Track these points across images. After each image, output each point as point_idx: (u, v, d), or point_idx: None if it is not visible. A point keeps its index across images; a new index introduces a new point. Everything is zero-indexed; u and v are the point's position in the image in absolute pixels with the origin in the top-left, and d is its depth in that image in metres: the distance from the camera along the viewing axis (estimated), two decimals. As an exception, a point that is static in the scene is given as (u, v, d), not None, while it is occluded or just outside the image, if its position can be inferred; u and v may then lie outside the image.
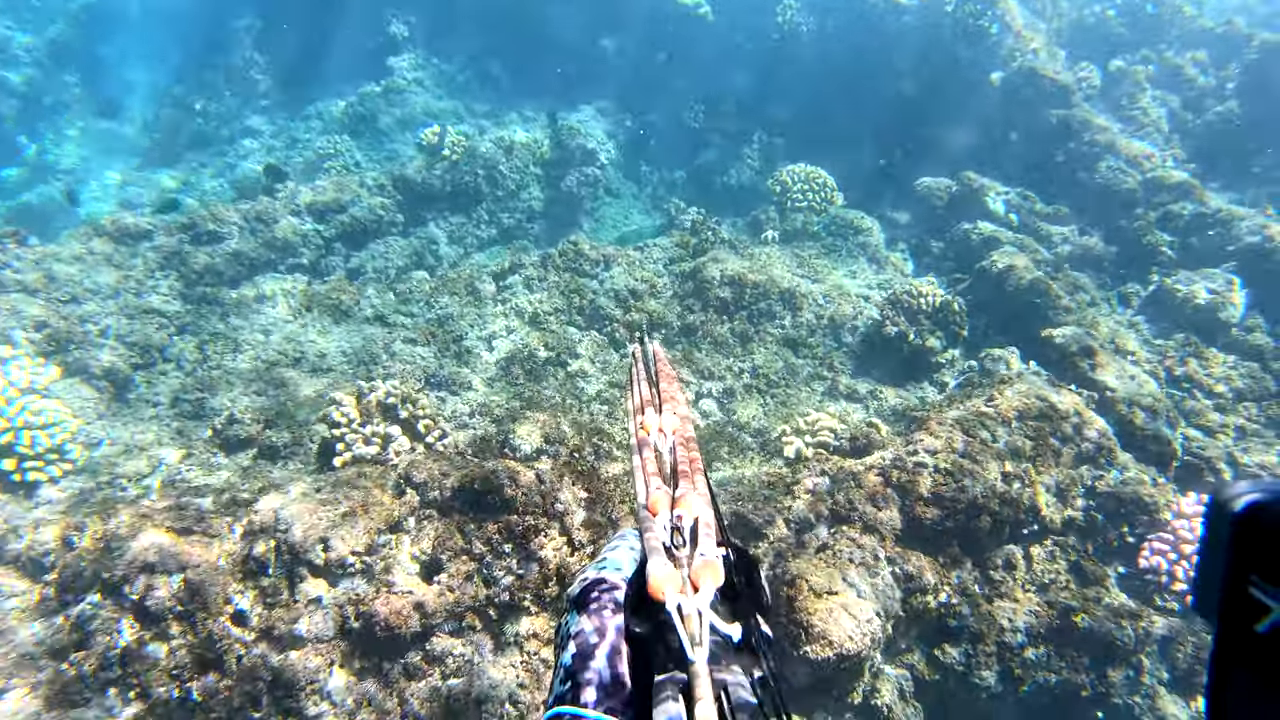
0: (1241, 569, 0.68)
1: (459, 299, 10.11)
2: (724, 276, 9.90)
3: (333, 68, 15.88)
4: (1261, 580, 0.66)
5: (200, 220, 10.10)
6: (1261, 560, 0.66)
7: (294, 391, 8.64)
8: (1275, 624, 0.64)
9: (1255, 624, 0.65)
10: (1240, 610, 0.67)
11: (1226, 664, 0.69)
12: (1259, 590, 0.66)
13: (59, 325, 8.47)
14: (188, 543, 5.59)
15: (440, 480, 5.92)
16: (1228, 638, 0.69)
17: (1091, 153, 10.93)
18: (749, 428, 8.51)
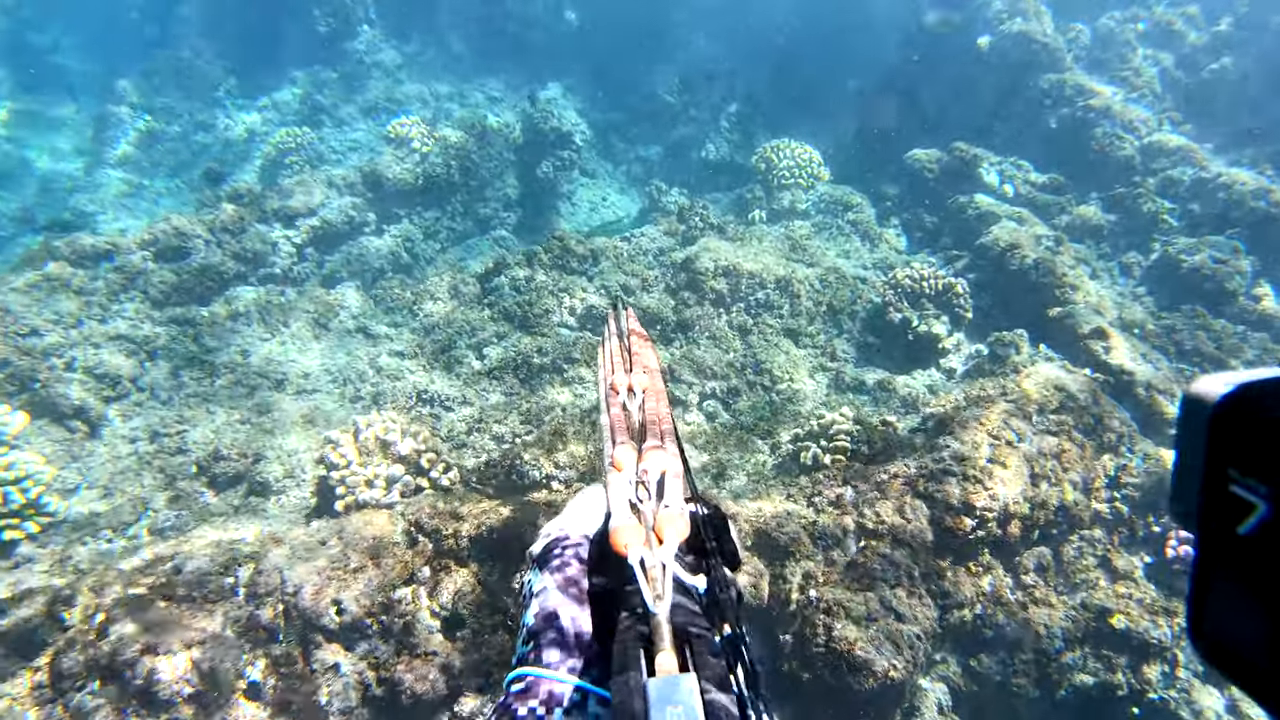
0: (1220, 464, 0.62)
1: (443, 304, 9.67)
2: (718, 267, 9.55)
3: (286, 55, 15.13)
4: (1241, 474, 0.60)
5: (162, 235, 9.51)
6: (1241, 451, 0.60)
7: (280, 418, 8.21)
8: (1260, 522, 0.58)
9: (1237, 525, 0.60)
10: (1221, 511, 0.61)
11: (1208, 570, 0.64)
12: (1240, 486, 0.60)
13: (20, 363, 7.94)
14: (189, 612, 5.23)
15: (454, 526, 5.59)
16: (1209, 542, 0.63)
17: (1087, 118, 10.65)
18: (758, 429, 8.24)
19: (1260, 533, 0.59)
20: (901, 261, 10.53)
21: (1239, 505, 0.60)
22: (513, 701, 1.23)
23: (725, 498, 7.44)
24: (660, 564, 1.06)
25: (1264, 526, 0.58)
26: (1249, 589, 0.60)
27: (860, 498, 6.63)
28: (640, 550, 1.09)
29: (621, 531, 1.12)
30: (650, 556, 1.08)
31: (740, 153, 14.29)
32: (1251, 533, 0.59)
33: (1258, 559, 0.59)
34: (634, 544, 1.10)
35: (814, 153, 11.88)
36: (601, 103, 15.34)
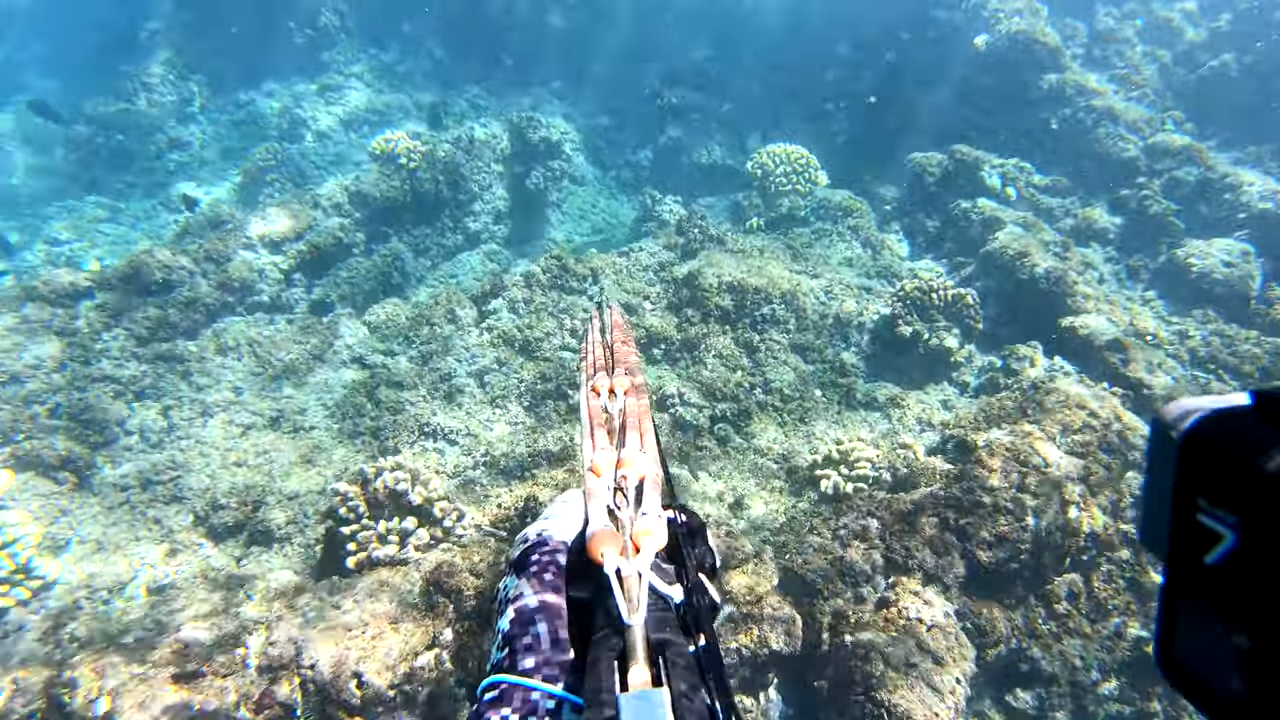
0: (1188, 493, 0.62)
1: (440, 330, 9.38)
2: (722, 283, 9.32)
3: (262, 68, 14.70)
4: (1209, 504, 0.60)
5: (144, 268, 9.14)
6: (1209, 481, 0.60)
7: (278, 458, 7.92)
8: (1228, 552, 0.58)
9: (1205, 554, 0.60)
10: (1189, 539, 0.61)
11: (1175, 597, 0.64)
12: (1208, 516, 0.60)
13: (1, 413, 7.59)
14: (198, 692, 4.95)
15: (474, 583, 5.35)
16: (1177, 569, 0.64)
17: (1089, 119, 10.49)
18: (771, 453, 8.04)
19: (1228, 563, 0.59)
20: (906, 270, 10.35)
21: (1206, 534, 0.60)
22: (486, 709, 1.23)
23: (743, 527, 7.24)
24: (636, 574, 1.06)
25: (1232, 556, 0.58)
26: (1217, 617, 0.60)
27: (887, 530, 6.45)
28: (617, 559, 1.08)
29: (598, 540, 1.10)
30: (627, 566, 1.07)
31: (733, 155, 14.06)
32: (1219, 562, 0.59)
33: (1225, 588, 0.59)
34: (610, 553, 1.09)
35: (810, 157, 11.66)
36: (588, 107, 15.03)
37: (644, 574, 1.06)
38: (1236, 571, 0.58)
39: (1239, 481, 0.58)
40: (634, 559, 1.08)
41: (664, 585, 1.12)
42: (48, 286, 8.70)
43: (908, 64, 12.32)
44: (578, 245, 12.98)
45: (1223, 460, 0.60)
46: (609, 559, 1.08)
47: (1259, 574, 0.56)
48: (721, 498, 7.61)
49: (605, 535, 1.11)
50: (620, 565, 1.07)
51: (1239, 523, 0.58)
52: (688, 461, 7.99)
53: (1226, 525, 0.59)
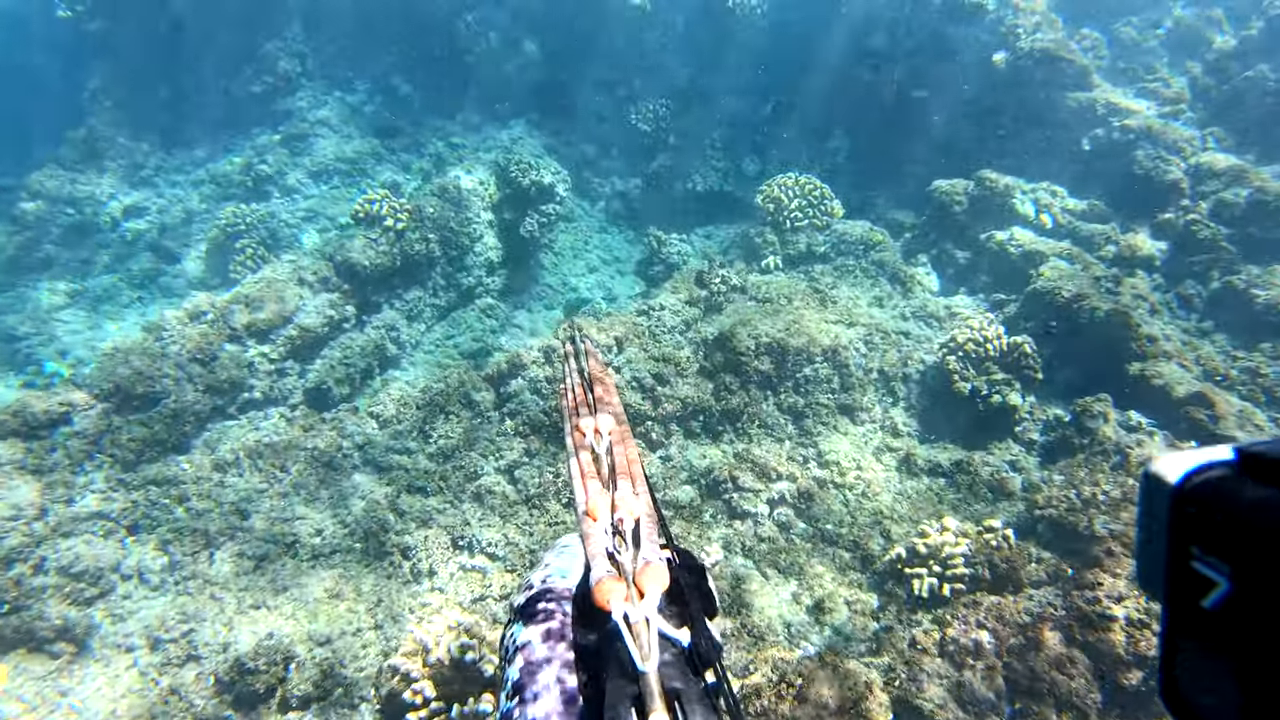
0: (1182, 542, 0.66)
1: (458, 420, 8.59)
2: (760, 345, 8.64)
3: (218, 121, 13.62)
4: (1203, 552, 0.65)
5: (124, 381, 8.20)
6: (1202, 531, 0.65)
7: (301, 595, 7.10)
8: (1222, 598, 0.62)
9: (1201, 599, 0.64)
10: (1186, 585, 0.65)
11: (1175, 638, 0.68)
12: (1201, 564, 0.65)
13: (-17, 582, 6.68)
14: None
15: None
16: (1176, 613, 0.68)
17: (1124, 140, 9.94)
18: (843, 539, 7.41)
19: (1223, 608, 0.62)
20: (942, 308, 9.76)
21: (1201, 580, 0.64)
22: None
23: (831, 638, 6.62)
24: (644, 619, 1.06)
25: (1227, 602, 0.62)
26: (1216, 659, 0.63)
27: (1002, 645, 5.87)
28: (623, 605, 1.08)
29: (603, 587, 1.11)
30: (634, 611, 1.07)
31: (730, 181, 13.36)
32: (1215, 607, 0.63)
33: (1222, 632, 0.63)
34: (616, 600, 1.09)
35: (824, 187, 11.00)
36: (570, 136, 14.19)
37: (651, 618, 1.06)
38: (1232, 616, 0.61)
39: (1228, 532, 0.62)
40: (640, 604, 1.08)
41: (672, 629, 1.13)
42: (18, 419, 7.74)
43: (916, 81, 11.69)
44: (580, 295, 12.23)
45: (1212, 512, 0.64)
46: (616, 605, 1.07)
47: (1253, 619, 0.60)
48: (798, 600, 6.97)
49: (609, 581, 1.11)
50: (628, 611, 1.06)
51: (1231, 571, 0.61)
52: (751, 556, 7.33)
53: (1219, 573, 0.62)
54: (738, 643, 6.30)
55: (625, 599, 1.09)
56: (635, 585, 1.13)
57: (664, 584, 1.13)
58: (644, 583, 1.12)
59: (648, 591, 1.11)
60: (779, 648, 6.33)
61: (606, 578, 1.13)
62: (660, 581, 1.13)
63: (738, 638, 6.37)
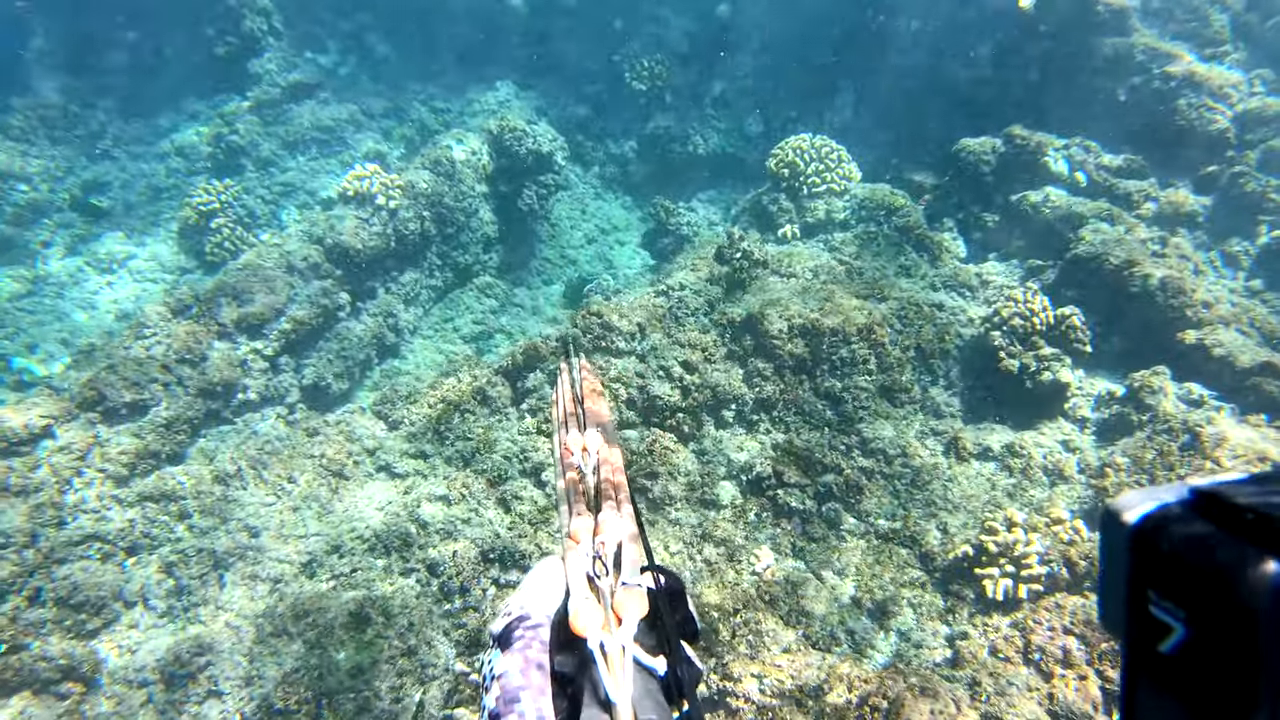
0: (1140, 585, 0.66)
1: (474, 419, 8.02)
2: (793, 327, 8.13)
3: (181, 86, 12.61)
4: (1159, 597, 0.64)
5: (109, 389, 7.50)
6: (1157, 575, 0.65)
7: (324, 622, 6.57)
8: (1178, 644, 0.63)
9: (1158, 644, 0.64)
10: (1143, 628, 0.65)
11: (1135, 678, 0.68)
12: (1158, 608, 0.64)
13: (-26, 626, 6.07)
14: None
15: None
16: (1135, 653, 0.68)
17: (1166, 89, 9.41)
18: (899, 535, 7.02)
19: (1180, 653, 0.62)
20: (973, 276, 9.31)
21: (1158, 625, 0.64)
22: None
23: (899, 645, 6.26)
24: (620, 648, 1.07)
25: (1183, 648, 0.62)
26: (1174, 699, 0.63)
27: (1093, 651, 5.54)
28: (599, 634, 1.09)
29: (580, 614, 1.11)
30: (610, 640, 1.08)
31: (732, 142, 12.70)
32: (1172, 652, 0.63)
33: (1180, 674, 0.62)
34: (593, 627, 1.10)
35: (840, 149, 10.41)
36: (560, 97, 13.39)
37: (627, 647, 1.07)
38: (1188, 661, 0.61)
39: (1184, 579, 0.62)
40: (617, 632, 1.09)
41: (647, 657, 1.13)
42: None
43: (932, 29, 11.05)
44: (581, 272, 11.62)
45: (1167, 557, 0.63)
46: (592, 634, 1.08)
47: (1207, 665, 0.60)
48: (859, 603, 6.59)
49: (587, 609, 1.12)
50: (604, 640, 1.07)
51: (1188, 616, 0.61)
52: (803, 557, 6.93)
53: (1175, 619, 0.62)
54: (804, 658, 5.90)
55: (602, 626, 1.08)
56: (613, 612, 1.12)
57: (642, 611, 1.12)
58: (621, 609, 1.11)
59: (625, 618, 1.09)
60: (849, 661, 5.96)
61: (584, 605, 1.12)
62: (638, 608, 1.11)
63: (803, 652, 5.97)
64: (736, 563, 6.82)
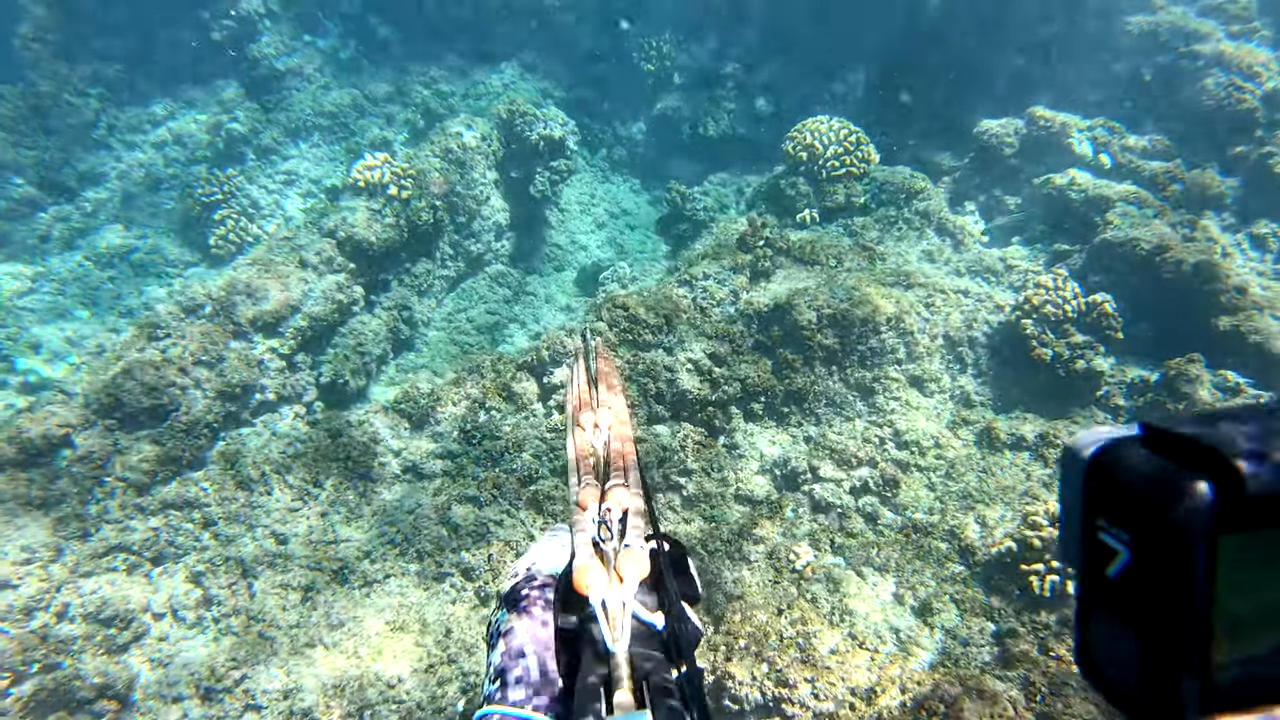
0: (1092, 514, 0.69)
1: (500, 416, 7.88)
2: (823, 318, 8.01)
3: (176, 72, 12.27)
4: (1108, 524, 0.67)
5: (127, 395, 7.31)
6: (1107, 503, 0.67)
7: (360, 631, 6.47)
8: (1123, 567, 0.65)
9: (1106, 568, 0.67)
10: (1094, 555, 0.68)
11: (1088, 607, 0.71)
12: (1107, 534, 0.67)
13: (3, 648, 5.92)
14: None
15: None
16: (1086, 582, 0.70)
17: (1193, 68, 9.28)
18: (938, 529, 6.96)
19: (1124, 576, 0.65)
20: (996, 260, 9.20)
21: (1108, 551, 0.66)
22: None
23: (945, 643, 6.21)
24: (620, 603, 1.09)
25: (1127, 570, 0.64)
26: (1118, 624, 0.66)
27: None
28: (602, 590, 1.11)
29: (584, 572, 1.13)
30: (611, 596, 1.10)
31: (742, 123, 12.48)
32: (1118, 576, 0.65)
33: (1123, 598, 0.65)
34: (596, 584, 1.12)
35: (859, 131, 10.23)
36: (566, 78, 13.12)
37: (628, 603, 1.09)
38: (1130, 583, 0.64)
39: (1127, 503, 0.64)
40: (618, 589, 1.10)
41: (647, 613, 1.16)
42: (14, 445, 6.84)
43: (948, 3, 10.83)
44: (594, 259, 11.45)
45: (1115, 485, 0.66)
46: (595, 590, 1.10)
47: (1146, 586, 0.62)
48: (901, 600, 6.53)
49: (591, 567, 1.13)
50: (605, 596, 1.09)
51: (1131, 540, 0.64)
52: (842, 553, 6.86)
53: (1121, 542, 0.65)
54: (853, 659, 5.85)
55: (605, 584, 1.10)
56: (616, 572, 1.13)
57: (644, 571, 1.14)
58: (624, 569, 1.13)
59: (626, 577, 1.11)
60: (898, 661, 5.91)
61: (588, 563, 1.14)
62: (640, 568, 1.13)
63: (851, 653, 5.91)
64: (776, 560, 6.74)
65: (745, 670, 5.53)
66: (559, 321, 10.75)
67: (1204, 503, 0.59)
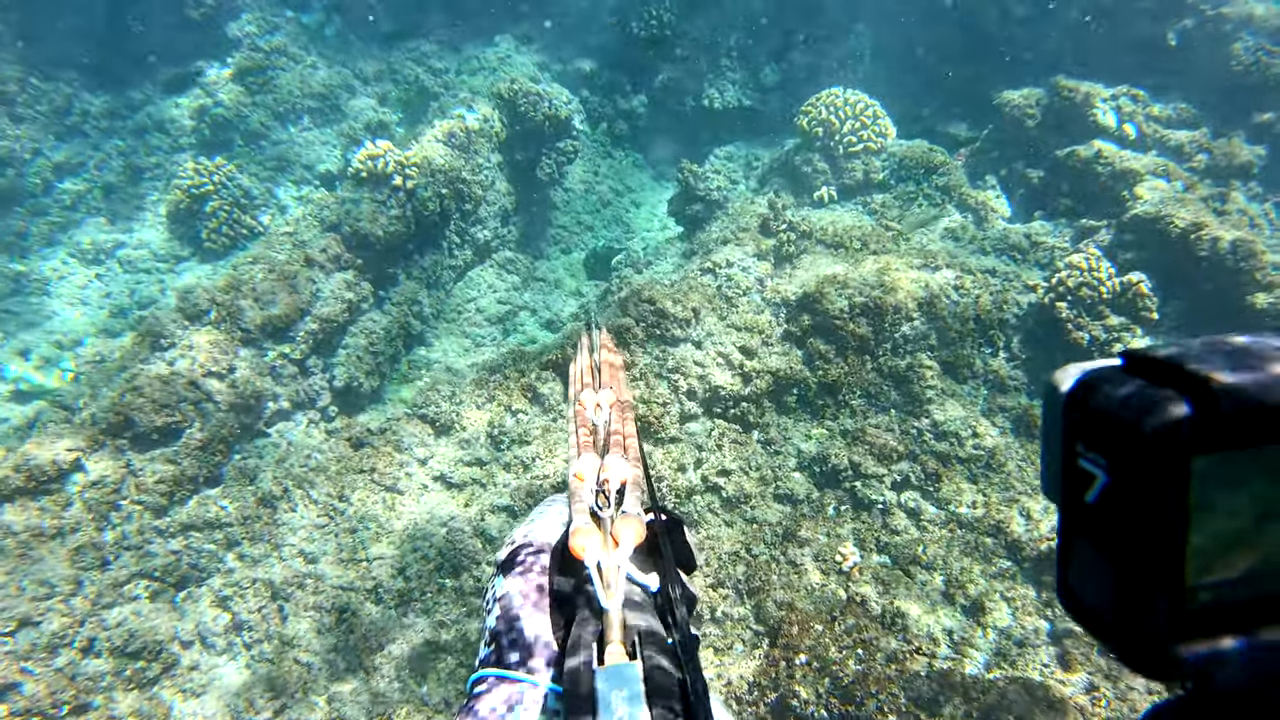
0: (1071, 442, 0.69)
1: (527, 419, 7.63)
2: (854, 306, 7.79)
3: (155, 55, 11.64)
4: (1085, 449, 0.67)
5: (136, 413, 6.97)
6: (1085, 428, 0.67)
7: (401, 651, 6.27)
8: (1100, 491, 0.65)
9: (1085, 494, 0.67)
10: (1073, 483, 0.68)
11: (1068, 535, 0.71)
12: (1085, 460, 0.67)
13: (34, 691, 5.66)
14: None
15: None
16: (1066, 510, 0.70)
17: (1219, 31, 9.02)
18: (982, 524, 6.84)
19: (1101, 499, 0.65)
20: (1020, 236, 9.00)
21: (1086, 476, 0.67)
22: (474, 702, 1.26)
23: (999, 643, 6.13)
24: (614, 565, 1.11)
25: (1104, 493, 0.65)
26: (1096, 549, 0.67)
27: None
28: (597, 553, 1.13)
29: (580, 536, 1.16)
30: (606, 559, 1.12)
31: (748, 94, 12.11)
32: (1095, 500, 0.66)
33: (1101, 522, 0.66)
34: (591, 547, 1.14)
35: (875, 104, 9.92)
36: (564, 51, 12.63)
37: (622, 565, 1.11)
38: (1107, 506, 0.64)
39: (1105, 424, 0.64)
40: (613, 552, 1.13)
41: (641, 575, 1.19)
42: (23, 473, 6.50)
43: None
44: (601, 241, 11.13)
45: (1093, 408, 0.66)
46: (590, 553, 1.13)
47: (1121, 506, 0.63)
48: (951, 599, 6.44)
49: (586, 531, 1.16)
50: (600, 558, 1.12)
51: (1108, 464, 0.64)
52: (888, 552, 6.74)
53: (1098, 466, 0.65)
54: (912, 665, 5.74)
55: (600, 548, 1.13)
56: (611, 536, 1.16)
57: (639, 536, 1.16)
58: (619, 534, 1.15)
59: (622, 541, 1.14)
60: (958, 668, 5.82)
61: (584, 527, 1.17)
62: (635, 533, 1.15)
63: (909, 660, 5.81)
64: (823, 562, 6.61)
65: (810, 689, 5.40)
66: (570, 307, 10.47)
67: (1178, 417, 0.59)
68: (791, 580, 6.45)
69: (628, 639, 1.04)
